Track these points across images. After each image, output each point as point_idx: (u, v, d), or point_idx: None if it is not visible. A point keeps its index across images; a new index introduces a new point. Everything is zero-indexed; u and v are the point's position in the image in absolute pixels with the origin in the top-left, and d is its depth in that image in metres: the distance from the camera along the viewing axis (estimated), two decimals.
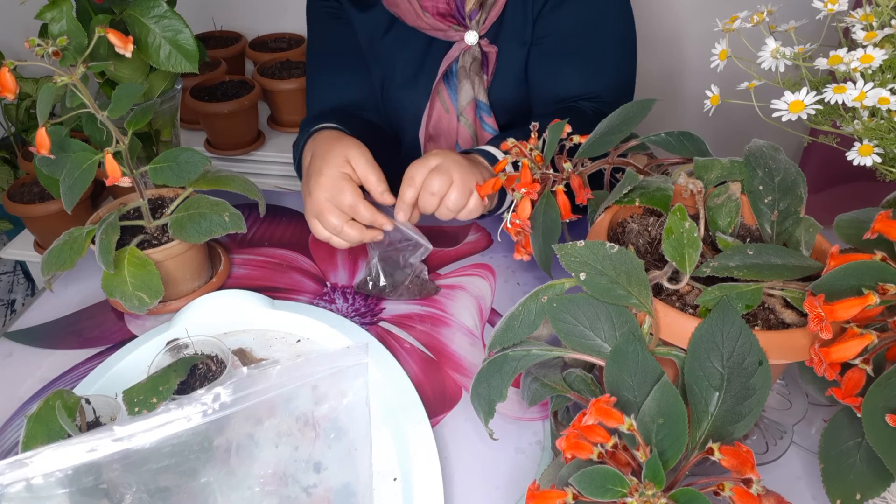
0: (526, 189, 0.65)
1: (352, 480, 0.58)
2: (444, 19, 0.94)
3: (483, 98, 0.98)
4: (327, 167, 0.77)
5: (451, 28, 0.94)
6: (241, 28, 1.79)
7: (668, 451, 0.46)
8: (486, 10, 0.94)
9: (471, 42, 0.95)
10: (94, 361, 0.76)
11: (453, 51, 0.96)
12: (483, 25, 0.94)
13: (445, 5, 0.93)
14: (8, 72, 0.66)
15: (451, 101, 1.00)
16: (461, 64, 0.97)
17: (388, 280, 0.82)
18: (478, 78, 0.97)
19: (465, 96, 0.98)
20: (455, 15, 0.94)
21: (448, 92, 1.00)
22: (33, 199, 1.26)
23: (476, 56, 0.96)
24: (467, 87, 0.98)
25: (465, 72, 0.97)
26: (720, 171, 0.61)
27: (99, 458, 0.48)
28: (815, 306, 0.46)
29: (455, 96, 0.99)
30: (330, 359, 0.56)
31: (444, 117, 1.01)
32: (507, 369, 0.56)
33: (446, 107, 1.00)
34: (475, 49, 0.96)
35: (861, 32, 0.50)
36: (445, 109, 1.00)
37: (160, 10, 0.83)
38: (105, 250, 0.72)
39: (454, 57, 0.96)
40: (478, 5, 0.93)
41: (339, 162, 0.77)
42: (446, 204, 0.76)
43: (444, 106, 1.00)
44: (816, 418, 0.66)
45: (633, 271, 0.53)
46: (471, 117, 0.99)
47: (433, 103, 1.00)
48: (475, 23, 0.94)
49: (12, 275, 2.16)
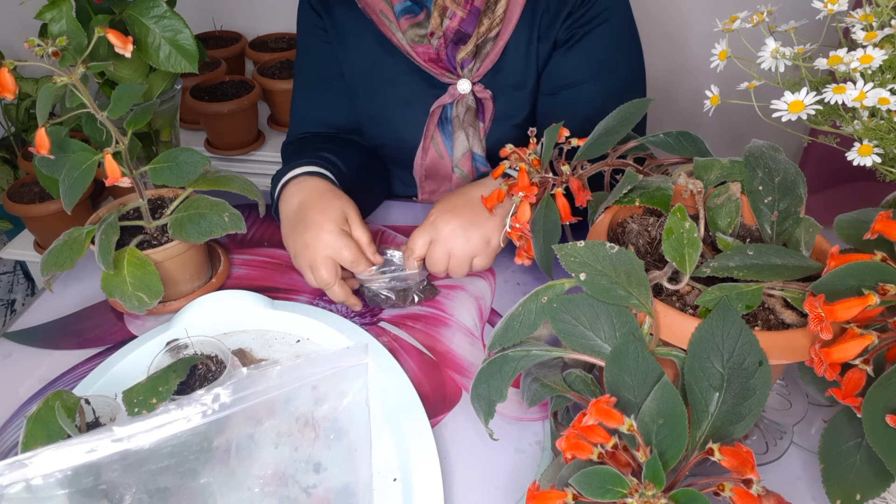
0: (524, 193, 0.65)
1: (352, 481, 0.58)
2: (435, 65, 0.91)
3: (479, 150, 0.96)
4: (329, 224, 0.78)
5: (444, 73, 0.91)
6: (241, 28, 1.79)
7: (668, 452, 0.46)
8: (481, 59, 0.90)
9: (463, 90, 0.92)
10: (94, 362, 0.76)
11: (445, 97, 0.93)
12: (477, 73, 0.91)
13: (435, 53, 0.90)
14: (8, 72, 0.66)
15: (445, 148, 0.97)
16: (455, 113, 0.94)
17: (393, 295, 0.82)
18: (472, 129, 0.94)
19: (461, 147, 0.96)
20: (446, 64, 0.91)
21: (442, 138, 0.97)
22: (33, 199, 1.26)
23: (470, 105, 0.93)
24: (462, 139, 0.95)
25: (459, 122, 0.94)
26: (720, 171, 0.61)
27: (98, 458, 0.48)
28: (816, 307, 0.46)
29: (450, 144, 0.96)
30: (330, 359, 0.56)
31: (439, 163, 0.98)
32: (507, 370, 0.56)
33: (440, 153, 0.97)
34: (469, 98, 0.92)
35: (861, 32, 0.50)
36: (440, 156, 0.98)
37: (160, 10, 0.83)
38: (105, 250, 0.72)
39: (446, 103, 0.93)
40: (471, 55, 0.89)
41: (340, 219, 0.79)
42: (451, 272, 0.81)
43: (437, 152, 0.98)
44: (816, 418, 0.66)
45: (633, 271, 0.53)
46: (467, 169, 0.97)
47: (427, 147, 0.98)
48: (468, 71, 0.91)
49: (12, 275, 2.16)
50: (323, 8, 0.96)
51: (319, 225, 0.78)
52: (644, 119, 0.92)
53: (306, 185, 0.84)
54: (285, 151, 1.03)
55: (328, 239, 0.77)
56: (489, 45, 0.89)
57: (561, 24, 0.88)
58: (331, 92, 1.00)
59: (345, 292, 0.80)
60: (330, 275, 0.78)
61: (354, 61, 0.97)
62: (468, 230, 0.79)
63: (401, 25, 0.90)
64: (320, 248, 0.77)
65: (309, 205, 0.81)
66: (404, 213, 1.01)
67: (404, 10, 0.89)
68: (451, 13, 0.87)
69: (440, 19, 0.88)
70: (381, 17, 0.91)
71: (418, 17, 0.89)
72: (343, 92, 0.99)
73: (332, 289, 0.79)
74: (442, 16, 0.88)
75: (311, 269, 0.78)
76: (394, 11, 0.90)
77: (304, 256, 0.79)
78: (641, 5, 0.93)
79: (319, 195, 0.82)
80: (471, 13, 0.87)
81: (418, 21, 0.89)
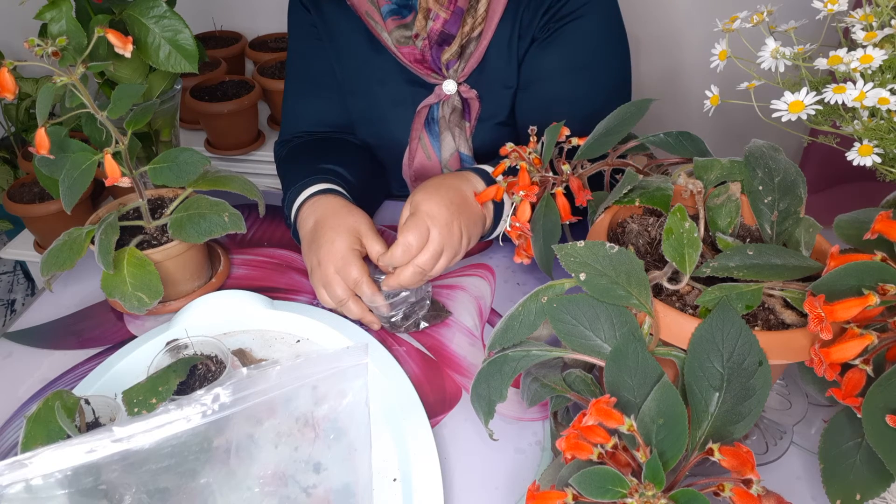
0: (525, 192, 0.65)
1: (351, 481, 0.58)
2: (421, 66, 0.91)
3: (466, 150, 0.96)
4: (339, 240, 0.77)
5: (430, 74, 0.91)
6: (241, 28, 1.79)
7: (668, 452, 0.46)
8: (465, 60, 0.90)
9: (449, 91, 0.91)
10: (94, 362, 0.76)
11: (431, 97, 0.92)
12: (462, 73, 0.91)
13: (420, 54, 0.90)
14: (7, 72, 0.66)
15: (433, 149, 0.97)
16: (441, 114, 0.94)
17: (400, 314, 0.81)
18: (458, 129, 0.94)
19: (448, 148, 0.95)
20: (431, 65, 0.91)
21: (430, 139, 0.96)
22: (33, 199, 1.26)
23: (456, 105, 0.93)
24: (449, 140, 0.95)
25: (445, 122, 0.94)
26: (720, 171, 0.61)
27: (98, 458, 0.48)
28: (816, 307, 0.46)
29: (437, 145, 0.96)
30: (330, 359, 0.56)
31: (427, 164, 0.98)
32: (507, 370, 0.56)
33: (428, 154, 0.97)
34: (454, 98, 0.92)
35: (861, 32, 0.50)
36: (427, 157, 0.97)
37: (160, 11, 0.83)
38: (104, 250, 0.72)
39: (432, 103, 0.93)
40: (456, 55, 0.89)
41: (351, 237, 0.78)
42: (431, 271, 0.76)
43: (425, 153, 0.97)
44: (816, 418, 0.66)
45: (633, 271, 0.53)
46: (454, 169, 0.96)
47: (414, 149, 0.97)
48: (453, 71, 0.91)
49: (12, 275, 2.16)
50: (312, 4, 0.96)
51: (332, 242, 0.77)
52: None
53: (319, 205, 0.83)
54: (279, 151, 1.03)
55: (337, 256, 0.77)
56: (473, 44, 0.89)
57: (539, 19, 0.88)
58: (323, 90, 0.99)
59: (360, 308, 0.78)
60: (343, 291, 0.77)
61: (345, 59, 0.97)
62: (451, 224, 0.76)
63: (387, 26, 0.90)
64: (330, 266, 0.77)
65: (322, 223, 0.81)
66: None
67: (391, 11, 0.89)
68: (434, 15, 0.87)
69: (424, 21, 0.88)
70: (368, 18, 0.91)
71: (406, 19, 0.89)
72: (335, 90, 0.99)
73: (346, 305, 0.77)
74: (426, 17, 0.88)
75: (325, 287, 0.78)
76: (380, 13, 0.90)
77: (317, 275, 0.78)
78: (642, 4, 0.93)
79: (333, 212, 0.82)
80: (454, 14, 0.87)
81: (405, 23, 0.89)
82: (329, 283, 0.77)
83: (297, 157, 0.97)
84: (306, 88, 1.00)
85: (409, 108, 0.95)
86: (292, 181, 0.90)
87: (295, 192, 0.88)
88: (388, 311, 0.78)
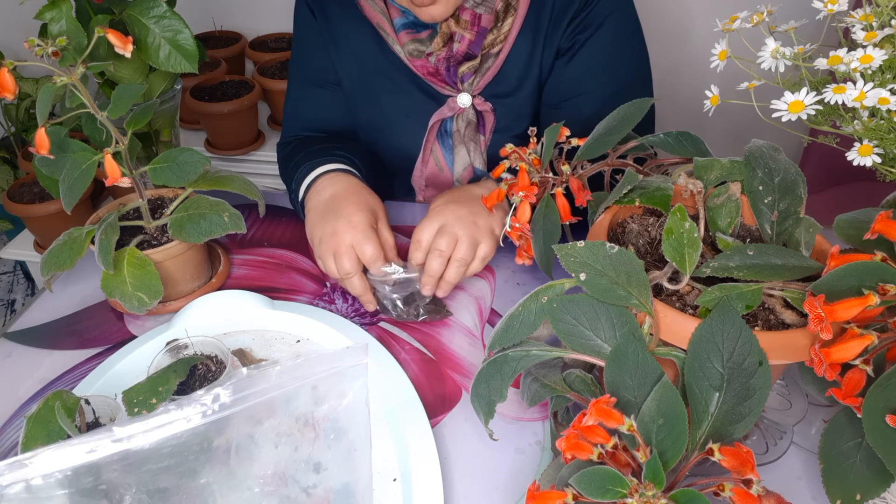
0: (524, 192, 0.65)
1: (351, 481, 0.58)
2: (434, 78, 0.91)
3: (480, 164, 0.95)
4: (360, 215, 0.78)
5: (444, 86, 0.91)
6: (241, 28, 1.79)
7: (668, 452, 0.46)
8: (482, 74, 0.90)
9: (464, 104, 0.91)
10: (94, 362, 0.76)
11: (444, 110, 0.92)
12: (476, 86, 0.90)
13: (434, 68, 0.89)
14: (7, 72, 0.66)
15: (445, 162, 0.97)
16: (455, 127, 0.93)
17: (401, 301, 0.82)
18: (473, 143, 0.94)
19: (461, 162, 0.95)
20: (445, 78, 0.90)
21: (443, 152, 0.96)
22: (33, 199, 1.26)
23: (471, 119, 0.92)
24: (463, 154, 0.94)
25: (460, 136, 0.93)
26: (720, 171, 0.61)
27: (98, 458, 0.48)
28: (816, 307, 0.46)
29: (450, 158, 0.96)
30: (330, 359, 0.56)
31: (439, 176, 0.98)
32: (507, 370, 0.56)
33: (440, 166, 0.97)
34: (469, 111, 0.92)
35: (861, 32, 0.50)
36: (439, 168, 0.97)
37: (160, 11, 0.83)
38: (104, 251, 0.72)
39: (446, 116, 0.92)
40: (472, 70, 0.89)
41: (371, 216, 0.79)
42: (455, 257, 0.77)
43: (437, 165, 0.97)
44: (816, 418, 0.66)
45: (633, 271, 0.53)
46: (467, 182, 0.96)
47: (426, 159, 0.97)
48: (468, 84, 0.90)
49: (12, 275, 2.16)
50: (319, 9, 0.95)
51: (351, 214, 0.78)
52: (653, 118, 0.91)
53: (339, 180, 0.84)
54: (282, 152, 1.02)
55: (357, 230, 0.77)
56: (491, 60, 0.89)
57: (564, 30, 0.88)
58: (326, 95, 0.99)
59: (363, 285, 0.78)
60: (352, 264, 0.77)
61: (352, 66, 0.96)
62: (475, 216, 0.78)
63: (400, 39, 0.89)
64: (347, 237, 0.76)
65: (343, 196, 0.81)
66: (403, 213, 1.01)
67: (405, 25, 0.89)
68: (459, 37, 0.87)
69: (442, 42, 0.88)
70: (379, 29, 0.90)
71: (420, 34, 0.89)
72: (338, 96, 0.99)
73: (351, 279, 0.77)
74: (445, 40, 0.88)
75: (335, 257, 0.77)
76: (392, 25, 0.89)
77: (329, 243, 0.78)
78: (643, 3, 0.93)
79: (354, 190, 0.82)
80: (479, 34, 0.87)
81: (420, 38, 0.89)
82: (340, 254, 0.77)
83: (308, 145, 0.97)
84: (308, 92, 1.00)
85: (419, 119, 0.95)
86: (307, 158, 0.90)
87: (312, 165, 0.88)
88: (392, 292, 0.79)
